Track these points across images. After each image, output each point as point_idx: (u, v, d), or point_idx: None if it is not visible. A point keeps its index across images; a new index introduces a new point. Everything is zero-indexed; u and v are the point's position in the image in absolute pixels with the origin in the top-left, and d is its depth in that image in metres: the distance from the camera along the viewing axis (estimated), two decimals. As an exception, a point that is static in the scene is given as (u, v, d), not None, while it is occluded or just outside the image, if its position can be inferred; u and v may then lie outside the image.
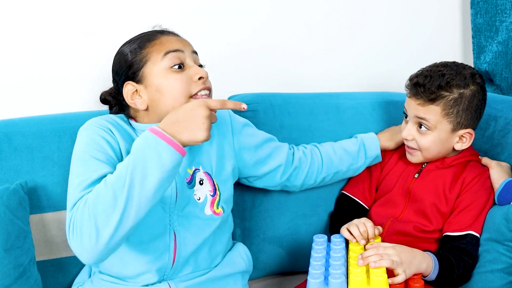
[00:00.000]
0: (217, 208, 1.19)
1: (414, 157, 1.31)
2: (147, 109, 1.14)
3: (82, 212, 0.96)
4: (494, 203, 1.26)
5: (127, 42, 1.18)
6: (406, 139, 1.29)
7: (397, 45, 1.73)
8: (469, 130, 1.26)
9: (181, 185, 1.14)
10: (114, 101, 1.20)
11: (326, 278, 1.09)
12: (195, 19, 1.51)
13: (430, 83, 1.22)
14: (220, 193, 1.20)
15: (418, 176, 1.33)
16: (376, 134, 1.42)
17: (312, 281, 1.07)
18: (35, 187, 1.23)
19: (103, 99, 1.22)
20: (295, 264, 1.45)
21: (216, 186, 1.20)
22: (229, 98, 1.46)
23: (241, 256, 1.24)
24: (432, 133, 1.25)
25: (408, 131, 1.28)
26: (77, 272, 1.24)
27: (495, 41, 1.64)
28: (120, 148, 1.10)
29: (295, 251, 1.43)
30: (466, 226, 1.23)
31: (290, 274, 1.47)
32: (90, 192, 0.97)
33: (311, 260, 1.15)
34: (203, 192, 1.17)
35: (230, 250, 1.25)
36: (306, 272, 1.13)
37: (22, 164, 1.22)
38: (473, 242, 1.22)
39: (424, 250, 1.19)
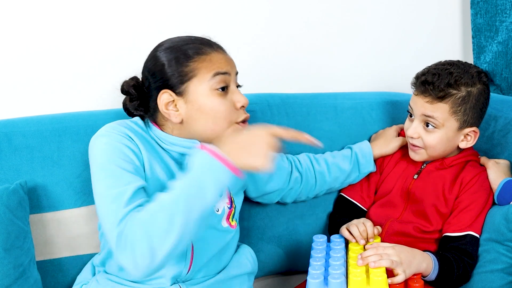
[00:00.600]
0: (232, 220, 1.19)
1: (418, 155, 1.30)
2: (181, 122, 1.10)
3: (134, 231, 0.93)
4: (493, 203, 1.26)
5: (168, 45, 1.11)
6: (412, 137, 1.28)
7: (397, 45, 1.73)
8: (474, 128, 1.26)
9: None
10: (136, 95, 1.14)
11: (325, 278, 1.09)
12: (194, 19, 1.51)
13: (439, 81, 1.22)
14: (235, 206, 1.20)
15: (417, 177, 1.33)
16: (371, 141, 1.42)
17: (311, 281, 1.07)
18: (35, 187, 1.23)
19: (126, 91, 1.15)
20: (294, 264, 1.45)
21: (232, 198, 1.20)
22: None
23: (247, 258, 1.25)
24: (439, 131, 1.25)
25: (414, 129, 1.27)
26: (77, 272, 1.24)
27: (495, 41, 1.64)
28: (142, 156, 1.07)
29: (293, 251, 1.43)
30: (465, 226, 1.23)
31: (290, 274, 1.48)
32: (142, 211, 0.94)
33: (311, 260, 1.15)
34: (221, 204, 1.17)
35: (235, 252, 1.26)
36: (305, 272, 1.13)
37: (22, 164, 1.22)
38: (472, 243, 1.22)
39: (424, 250, 1.19)
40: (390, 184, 1.36)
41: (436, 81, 1.22)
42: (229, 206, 1.18)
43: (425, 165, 1.33)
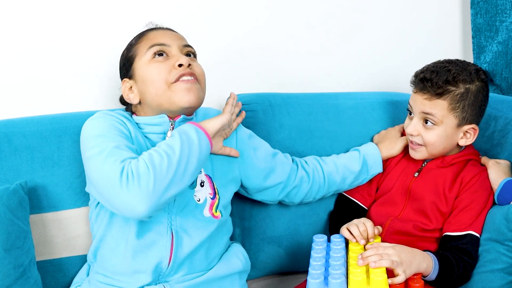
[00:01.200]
0: (216, 211, 1.20)
1: (419, 153, 1.31)
2: (140, 103, 1.19)
3: (139, 165, 1.02)
4: (494, 203, 1.26)
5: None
6: (412, 135, 1.29)
7: (397, 45, 1.73)
8: (473, 125, 1.26)
9: None
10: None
11: (326, 278, 1.09)
12: (195, 18, 1.51)
13: (437, 77, 1.23)
14: (219, 197, 1.21)
15: (418, 175, 1.33)
16: (376, 143, 1.41)
17: (311, 281, 1.07)
18: (35, 187, 1.23)
19: (121, 97, 1.26)
20: (295, 264, 1.45)
21: (216, 190, 1.21)
22: (229, 98, 1.47)
23: (237, 256, 1.24)
24: (438, 128, 1.25)
25: (413, 127, 1.28)
26: (77, 272, 1.24)
27: (495, 41, 1.64)
28: (131, 134, 1.15)
29: (294, 251, 1.43)
30: (466, 226, 1.23)
31: (290, 274, 1.47)
32: (144, 154, 1.05)
33: (311, 260, 1.15)
34: (203, 194, 1.18)
35: (226, 251, 1.25)
36: (305, 272, 1.13)
37: (22, 164, 1.22)
38: (473, 242, 1.22)
39: (424, 250, 1.19)
40: (390, 182, 1.36)
41: (434, 78, 1.23)
42: (211, 196, 1.20)
43: (425, 163, 1.33)
